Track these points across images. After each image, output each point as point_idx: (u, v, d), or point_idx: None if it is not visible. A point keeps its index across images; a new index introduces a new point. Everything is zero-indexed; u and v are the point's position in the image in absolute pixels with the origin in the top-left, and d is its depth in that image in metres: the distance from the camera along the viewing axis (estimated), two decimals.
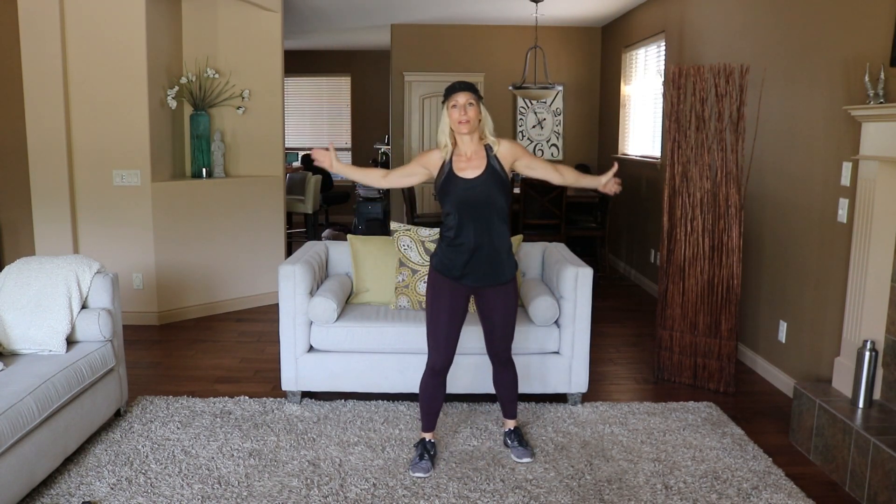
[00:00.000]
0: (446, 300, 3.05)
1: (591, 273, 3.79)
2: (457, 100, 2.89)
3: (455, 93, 2.90)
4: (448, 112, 2.92)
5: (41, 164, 5.10)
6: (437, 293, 3.07)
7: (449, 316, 3.06)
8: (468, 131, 2.92)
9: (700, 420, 3.71)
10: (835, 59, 3.70)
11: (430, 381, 3.15)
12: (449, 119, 2.93)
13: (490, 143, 2.99)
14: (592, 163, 8.80)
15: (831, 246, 3.73)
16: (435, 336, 3.08)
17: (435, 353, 3.10)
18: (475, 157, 2.97)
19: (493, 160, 2.97)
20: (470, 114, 2.89)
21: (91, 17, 5.04)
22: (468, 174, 2.95)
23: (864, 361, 3.19)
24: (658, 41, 6.64)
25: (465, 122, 2.89)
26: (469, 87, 2.90)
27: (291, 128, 11.29)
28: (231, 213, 5.69)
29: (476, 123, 2.93)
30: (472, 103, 2.90)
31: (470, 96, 2.89)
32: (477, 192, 2.93)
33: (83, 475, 3.06)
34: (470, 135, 2.94)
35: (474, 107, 2.90)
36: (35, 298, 3.30)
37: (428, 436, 3.25)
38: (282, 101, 6.04)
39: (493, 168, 2.95)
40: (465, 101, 2.89)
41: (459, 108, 2.89)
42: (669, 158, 4.23)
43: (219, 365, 4.53)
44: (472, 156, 2.97)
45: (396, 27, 8.57)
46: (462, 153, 2.98)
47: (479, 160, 2.96)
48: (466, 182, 2.94)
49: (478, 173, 2.94)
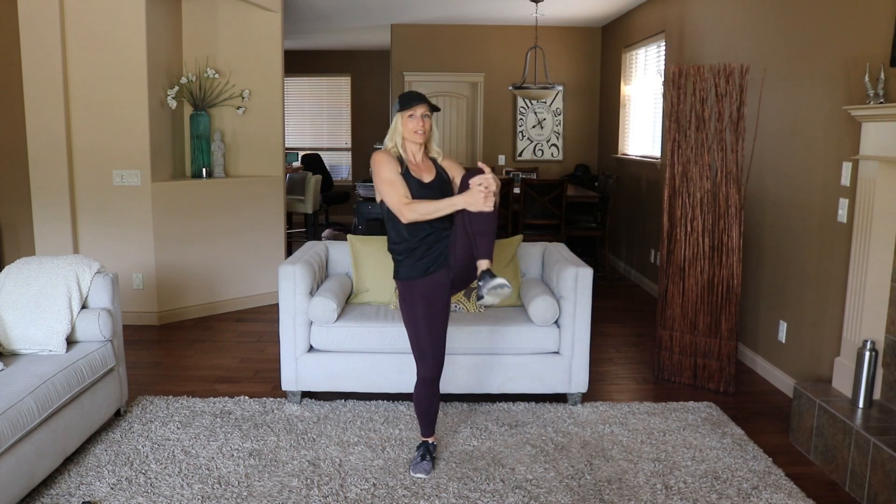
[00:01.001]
0: (421, 308, 3.03)
1: (591, 273, 3.79)
2: (415, 111, 3.00)
3: (414, 104, 2.99)
4: (403, 121, 3.02)
5: (41, 164, 5.10)
6: (410, 304, 3.05)
7: (427, 323, 3.03)
8: (422, 141, 3.05)
9: (700, 420, 3.71)
10: (835, 59, 3.70)
11: (423, 390, 3.14)
12: (403, 128, 3.02)
13: (434, 157, 3.14)
14: (592, 163, 8.81)
15: (831, 246, 3.73)
16: (419, 348, 3.07)
17: (422, 365, 3.09)
18: (423, 165, 3.09)
19: (441, 169, 3.11)
20: (426, 125, 3.02)
21: (91, 17, 5.04)
22: (423, 177, 3.05)
23: (864, 361, 3.19)
24: (658, 41, 6.64)
25: (420, 133, 3.01)
26: (426, 100, 3.03)
27: (291, 128, 11.29)
28: (231, 213, 5.69)
29: (428, 135, 3.07)
30: (427, 115, 3.03)
31: (426, 109, 3.01)
32: (433, 195, 2.99)
33: (83, 475, 3.06)
34: (420, 145, 3.07)
35: (429, 119, 3.04)
36: (35, 298, 3.30)
37: (429, 439, 3.25)
38: (282, 101, 6.04)
39: (441, 175, 3.09)
40: (422, 113, 3.01)
41: (416, 119, 3.00)
42: (669, 158, 4.23)
43: (219, 365, 4.53)
44: (420, 163, 3.08)
45: (396, 27, 8.57)
46: (410, 160, 3.07)
47: (428, 168, 3.09)
48: (424, 185, 3.03)
49: (431, 178, 3.07)
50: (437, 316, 3.04)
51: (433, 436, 3.25)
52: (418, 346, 3.06)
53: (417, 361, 3.10)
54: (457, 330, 3.72)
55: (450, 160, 3.18)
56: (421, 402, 3.16)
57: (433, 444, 3.24)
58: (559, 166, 8.85)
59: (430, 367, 3.08)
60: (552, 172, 8.72)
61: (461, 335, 3.73)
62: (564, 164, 8.86)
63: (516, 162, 8.80)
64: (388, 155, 3.05)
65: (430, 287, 3.02)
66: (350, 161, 11.69)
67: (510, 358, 3.79)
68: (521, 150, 8.82)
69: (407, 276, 3.04)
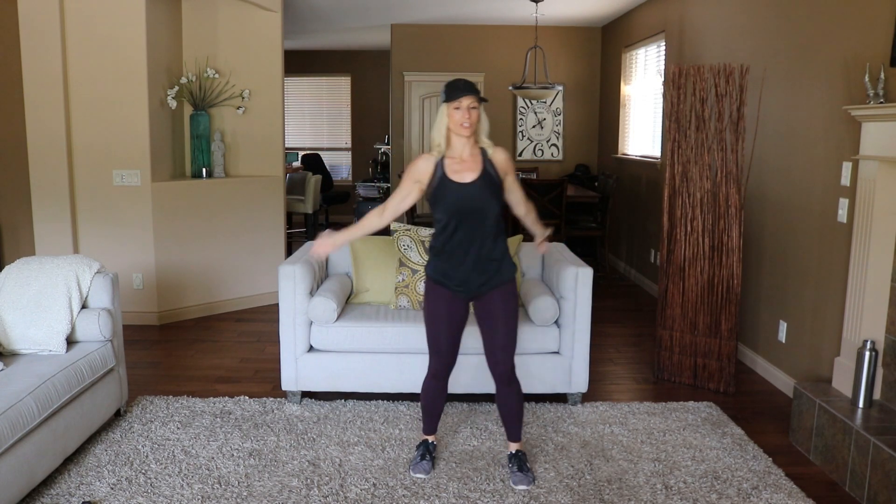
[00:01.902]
0: (444, 308, 2.98)
1: (591, 273, 3.79)
2: (461, 102, 2.80)
3: (461, 95, 2.80)
4: (449, 113, 2.84)
5: (41, 164, 5.10)
6: (435, 302, 3.00)
7: (448, 325, 3.00)
8: (469, 134, 2.85)
9: (700, 420, 3.71)
10: (835, 59, 3.70)
11: (432, 384, 3.12)
12: (449, 120, 2.85)
13: (485, 147, 2.92)
14: (592, 162, 8.81)
15: (831, 246, 3.73)
16: (436, 343, 3.04)
17: (436, 359, 3.06)
18: (470, 159, 2.88)
19: (489, 165, 2.89)
20: (473, 117, 2.82)
21: (91, 17, 5.04)
22: (463, 178, 2.86)
23: (864, 361, 3.19)
24: (658, 41, 6.64)
25: (467, 125, 2.82)
26: (473, 90, 2.83)
27: (291, 128, 11.29)
28: (231, 213, 5.69)
29: (476, 126, 2.87)
30: (475, 107, 2.83)
31: (473, 100, 2.82)
32: (472, 197, 2.85)
33: (83, 475, 3.06)
34: (468, 138, 2.88)
35: (476, 110, 2.84)
36: (35, 298, 3.30)
37: (430, 438, 3.24)
38: (282, 101, 6.04)
39: (488, 173, 2.88)
40: (469, 104, 2.81)
41: (463, 111, 2.81)
42: (669, 158, 4.23)
43: (219, 365, 4.53)
44: (467, 158, 2.88)
45: (396, 27, 8.57)
46: (456, 155, 2.89)
47: (475, 163, 2.88)
48: (461, 187, 2.85)
49: (473, 177, 2.86)
50: (458, 318, 3.02)
51: (434, 435, 3.25)
52: (435, 343, 3.03)
53: (431, 355, 3.07)
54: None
55: (503, 155, 2.94)
56: (428, 396, 3.14)
57: (433, 444, 3.23)
58: (559, 166, 8.85)
59: (444, 363, 3.06)
60: (552, 172, 8.72)
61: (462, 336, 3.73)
62: (564, 164, 8.86)
63: (516, 162, 8.80)
64: (424, 161, 2.91)
65: (453, 296, 2.99)
66: (350, 161, 11.69)
67: None
68: (521, 150, 8.82)
69: (436, 277, 2.99)
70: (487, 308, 2.99)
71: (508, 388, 3.06)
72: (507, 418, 3.13)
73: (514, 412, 3.10)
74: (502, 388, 3.06)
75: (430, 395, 3.15)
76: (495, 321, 2.98)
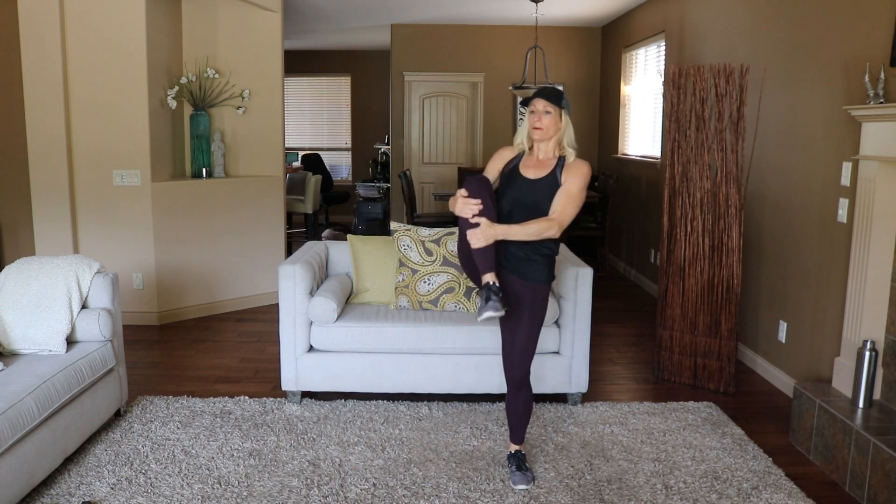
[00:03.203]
0: None
1: (591, 273, 3.79)
2: (535, 105, 2.87)
3: (535, 98, 2.87)
4: (528, 116, 2.92)
5: (41, 164, 5.10)
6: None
7: None
8: (540, 138, 2.90)
9: (700, 420, 3.71)
10: (835, 59, 3.70)
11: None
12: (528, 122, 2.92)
13: (566, 156, 2.94)
14: (592, 162, 8.81)
15: (831, 246, 3.73)
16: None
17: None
18: (545, 161, 2.94)
19: (559, 169, 2.91)
20: (545, 121, 2.86)
21: (91, 17, 5.04)
22: (530, 174, 2.93)
23: (864, 361, 3.19)
24: (658, 41, 6.64)
25: (538, 129, 2.87)
26: (550, 95, 2.86)
27: (291, 128, 11.29)
28: (231, 213, 5.70)
29: (552, 132, 2.89)
30: (549, 111, 2.86)
31: (547, 104, 2.86)
32: (532, 193, 2.89)
33: (83, 475, 3.06)
34: (545, 142, 2.92)
35: (551, 115, 2.87)
36: (35, 298, 3.30)
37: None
38: (282, 101, 6.05)
39: (555, 175, 2.91)
40: (543, 108, 2.86)
41: (535, 115, 2.87)
42: (669, 158, 4.23)
43: (219, 365, 4.53)
44: (542, 159, 2.95)
45: (396, 27, 8.57)
46: (534, 156, 2.97)
47: (547, 166, 2.93)
48: (525, 181, 2.91)
49: (540, 175, 2.91)
50: None
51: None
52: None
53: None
54: (457, 330, 3.73)
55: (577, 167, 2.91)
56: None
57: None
58: None
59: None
60: None
61: (461, 335, 3.73)
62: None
63: None
64: (507, 150, 3.02)
65: None
66: (350, 161, 11.69)
67: None
68: None
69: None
70: (516, 299, 2.93)
71: (518, 392, 3.06)
72: (513, 421, 3.12)
73: (521, 416, 3.10)
74: (513, 391, 3.06)
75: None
76: (518, 321, 2.95)
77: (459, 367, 3.77)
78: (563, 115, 2.90)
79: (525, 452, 3.18)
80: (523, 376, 3.02)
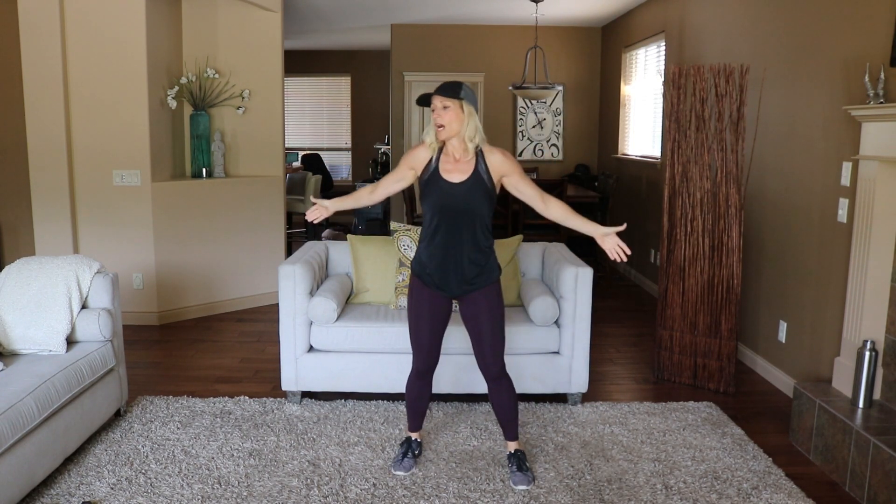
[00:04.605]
0: (426, 306, 2.98)
1: (591, 273, 3.79)
2: (433, 104, 2.79)
3: (431, 96, 2.79)
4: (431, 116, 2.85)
5: (41, 164, 5.10)
6: (418, 299, 3.00)
7: (429, 322, 3.00)
8: (446, 136, 2.80)
9: (700, 420, 3.71)
10: (835, 59, 3.70)
11: (416, 382, 3.13)
12: None
13: (481, 149, 2.86)
14: (592, 163, 8.81)
15: (831, 246, 3.73)
16: (418, 341, 3.04)
17: (418, 356, 3.07)
18: (463, 160, 2.84)
19: (482, 166, 2.84)
20: (446, 117, 2.77)
21: (91, 17, 5.04)
22: (453, 177, 2.83)
23: (864, 361, 3.19)
24: (658, 41, 6.64)
25: (441, 126, 2.79)
26: (445, 91, 2.76)
27: (291, 128, 11.29)
28: (231, 213, 5.69)
29: (456, 125, 2.79)
30: (447, 106, 2.76)
31: (444, 100, 2.76)
32: (459, 197, 2.82)
33: (83, 475, 3.06)
34: (454, 137, 2.82)
35: (450, 109, 2.76)
36: (35, 298, 3.30)
37: (414, 435, 3.25)
38: (282, 101, 6.05)
39: (479, 175, 2.83)
40: (441, 104, 2.77)
41: (436, 112, 2.79)
42: (669, 158, 4.23)
43: (219, 365, 4.53)
44: (459, 158, 2.85)
45: (396, 27, 8.57)
46: (450, 154, 2.86)
47: (467, 165, 2.84)
48: (450, 185, 2.82)
49: (463, 178, 2.83)
50: (441, 316, 3.03)
51: (419, 432, 3.26)
52: (417, 339, 3.04)
53: (414, 353, 3.08)
54: (457, 330, 3.72)
55: (499, 156, 2.86)
56: (412, 394, 3.16)
57: (417, 441, 3.24)
58: (559, 166, 8.85)
59: (425, 359, 3.07)
60: (552, 172, 8.72)
61: (461, 335, 3.73)
62: (564, 164, 8.86)
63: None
64: (423, 150, 2.90)
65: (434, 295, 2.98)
66: (350, 161, 11.69)
67: (510, 358, 3.77)
68: (521, 150, 8.82)
69: (419, 272, 2.98)
70: (471, 310, 2.97)
71: (499, 384, 3.05)
72: (501, 415, 3.12)
73: (508, 408, 3.09)
74: (493, 385, 3.06)
75: (415, 394, 3.16)
76: (480, 324, 2.96)
77: (459, 367, 3.76)
78: (464, 106, 2.77)
79: (524, 451, 3.18)
80: (501, 368, 3.03)
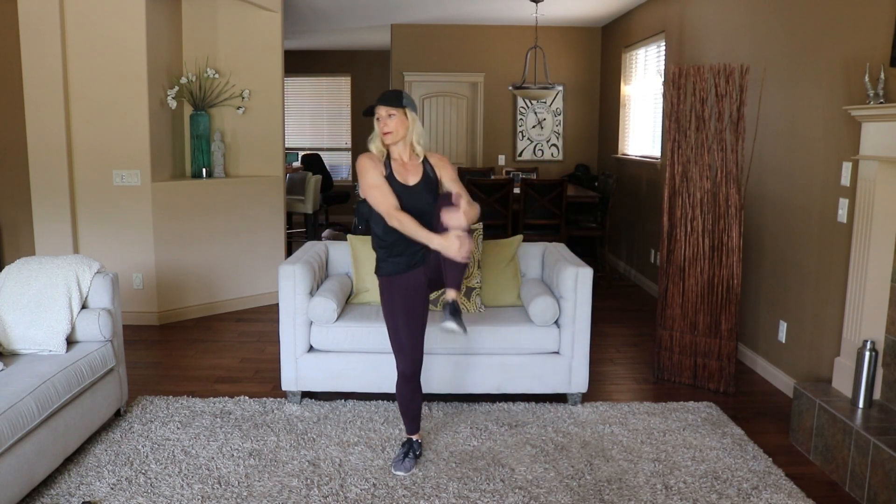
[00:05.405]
0: (399, 304, 3.03)
1: (591, 273, 3.79)
2: (378, 113, 2.96)
3: (376, 106, 2.96)
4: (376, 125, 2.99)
5: (41, 164, 5.10)
6: (390, 298, 3.05)
7: (406, 319, 3.03)
8: (392, 141, 2.98)
9: (700, 420, 3.71)
10: (835, 59, 3.70)
11: (404, 387, 3.14)
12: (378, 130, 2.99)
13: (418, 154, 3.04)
14: (592, 163, 8.81)
15: (831, 246, 3.73)
16: (398, 342, 3.07)
17: (401, 360, 3.09)
18: (411, 164, 3.03)
19: (428, 168, 3.05)
20: (391, 124, 2.94)
21: (91, 17, 5.04)
22: (407, 181, 3.00)
23: (864, 361, 3.19)
24: (658, 41, 6.64)
25: (388, 133, 2.95)
26: (388, 100, 2.93)
27: (291, 128, 11.29)
28: (231, 213, 5.69)
29: (402, 131, 2.97)
30: (392, 114, 2.94)
31: (388, 108, 2.93)
32: (418, 197, 2.98)
33: (83, 475, 3.06)
34: (399, 143, 2.99)
35: (395, 117, 2.94)
36: (35, 298, 3.30)
37: (414, 436, 3.25)
38: (282, 101, 6.05)
39: (428, 175, 3.04)
40: (386, 113, 2.94)
41: (382, 121, 2.95)
42: (669, 158, 4.23)
43: (219, 365, 4.53)
44: (407, 162, 3.03)
45: (396, 27, 8.57)
46: (397, 159, 3.02)
47: (416, 168, 3.03)
48: (407, 188, 2.98)
49: (416, 180, 3.01)
50: (415, 312, 3.06)
51: (418, 433, 3.26)
52: (397, 340, 3.07)
53: (396, 356, 3.10)
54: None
55: (439, 157, 3.12)
56: (403, 399, 3.17)
57: (417, 442, 3.25)
58: (559, 166, 8.85)
59: (409, 362, 3.08)
60: (552, 172, 8.72)
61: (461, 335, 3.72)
62: (564, 164, 8.86)
63: (516, 162, 8.80)
64: (372, 159, 3.01)
65: (408, 284, 3.03)
66: (350, 161, 11.69)
67: (510, 358, 3.79)
68: (521, 150, 8.82)
69: (387, 272, 3.04)
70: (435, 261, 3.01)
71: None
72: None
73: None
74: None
75: (405, 397, 3.17)
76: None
77: (459, 367, 3.76)
78: (407, 113, 2.97)
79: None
80: None
